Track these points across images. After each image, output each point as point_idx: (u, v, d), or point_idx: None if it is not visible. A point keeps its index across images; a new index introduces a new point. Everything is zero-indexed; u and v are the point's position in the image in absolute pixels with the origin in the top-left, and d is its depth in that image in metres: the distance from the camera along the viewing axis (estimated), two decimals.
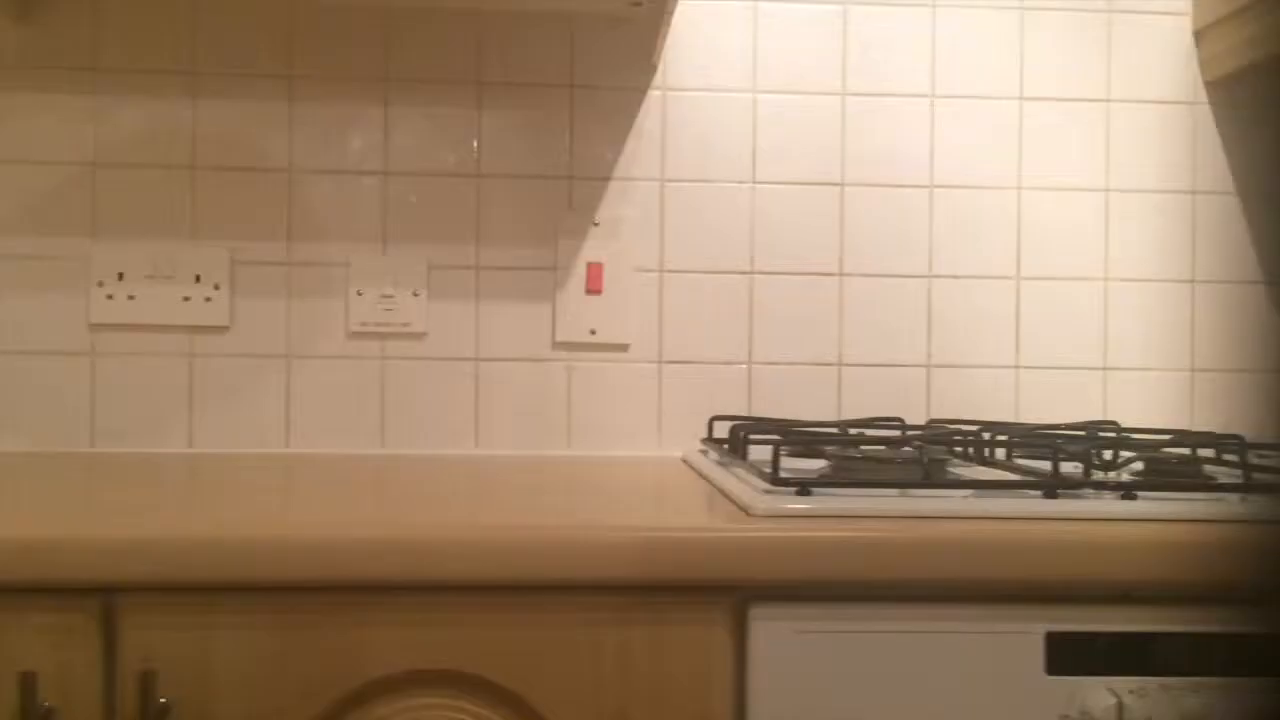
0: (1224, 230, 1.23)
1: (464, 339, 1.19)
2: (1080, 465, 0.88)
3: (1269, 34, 1.10)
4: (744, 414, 1.20)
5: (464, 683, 0.67)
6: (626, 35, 1.19)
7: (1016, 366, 1.22)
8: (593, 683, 0.68)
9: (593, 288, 1.19)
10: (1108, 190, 1.23)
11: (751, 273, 1.21)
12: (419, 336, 1.18)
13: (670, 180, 1.20)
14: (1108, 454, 0.88)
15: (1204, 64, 1.23)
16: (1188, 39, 1.23)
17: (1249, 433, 1.14)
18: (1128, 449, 0.89)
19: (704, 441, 1.11)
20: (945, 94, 1.22)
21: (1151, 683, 0.69)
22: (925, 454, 0.75)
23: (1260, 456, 1.01)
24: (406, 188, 1.18)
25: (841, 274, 1.21)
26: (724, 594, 0.68)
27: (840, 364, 1.21)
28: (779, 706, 0.67)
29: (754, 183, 1.21)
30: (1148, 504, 0.72)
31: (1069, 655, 0.68)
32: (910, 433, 0.97)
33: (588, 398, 1.19)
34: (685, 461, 1.09)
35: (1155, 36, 1.23)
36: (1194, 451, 0.97)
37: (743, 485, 0.78)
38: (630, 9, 1.12)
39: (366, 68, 1.17)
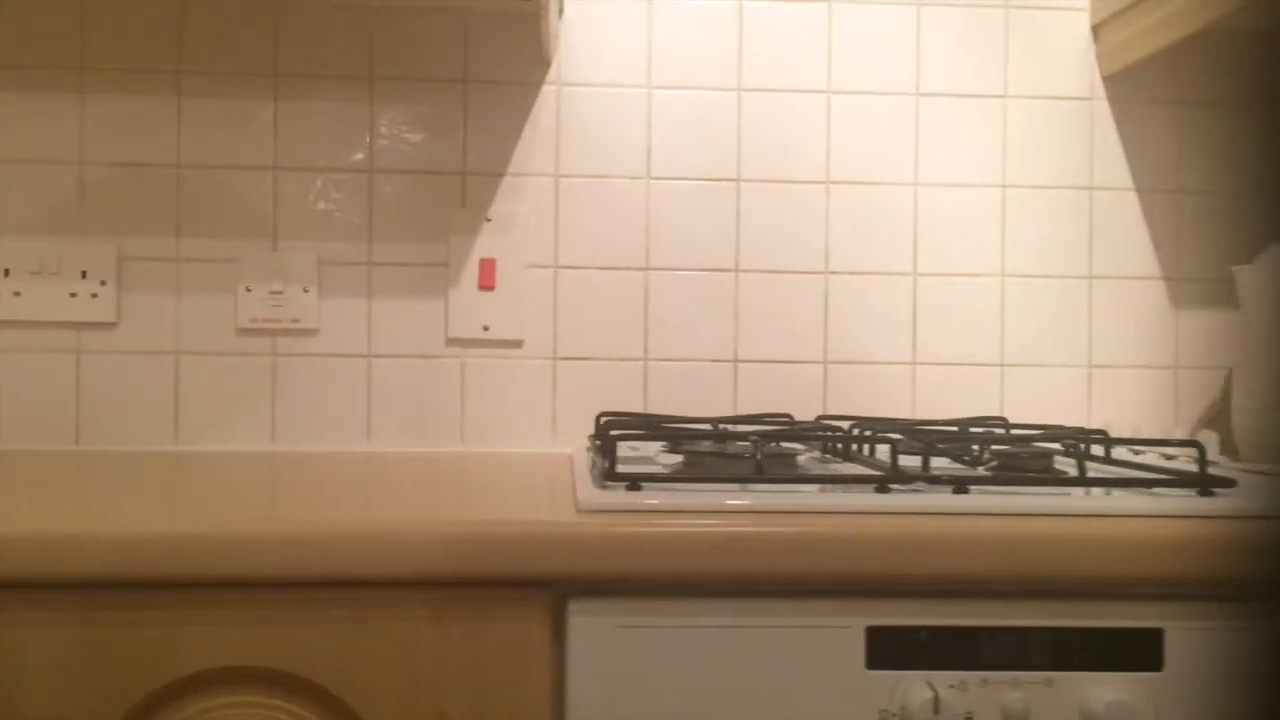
0: (1122, 226, 1.23)
1: (356, 335, 1.18)
2: (952, 461, 0.88)
3: (1164, 24, 1.10)
4: (639, 410, 1.19)
5: (280, 680, 0.67)
6: (520, 30, 1.18)
7: (913, 363, 1.22)
8: (410, 680, 0.67)
9: (485, 284, 1.18)
10: (1005, 186, 1.23)
11: (647, 269, 1.20)
12: (310, 333, 1.17)
13: (565, 176, 1.20)
14: (976, 449, 0.88)
15: (1101, 59, 1.23)
16: (1085, 34, 1.23)
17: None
18: (1000, 444, 0.88)
19: (590, 438, 1.10)
20: (842, 90, 1.22)
21: (973, 677, 0.68)
22: (759, 449, 0.74)
23: (1134, 452, 1.01)
24: (297, 183, 1.17)
25: (737, 270, 1.21)
26: (543, 589, 0.68)
27: (736, 360, 1.21)
28: (597, 702, 0.67)
29: (649, 178, 1.20)
30: (977, 498, 0.72)
31: (890, 650, 0.68)
32: (781, 428, 0.96)
33: (481, 394, 1.19)
34: (572, 458, 1.08)
35: (1053, 32, 1.23)
36: (1084, 447, 0.97)
37: (584, 481, 0.77)
38: (518, 3, 1.12)
39: (256, 63, 1.17)
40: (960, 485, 0.74)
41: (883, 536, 0.67)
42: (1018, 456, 0.82)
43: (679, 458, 0.86)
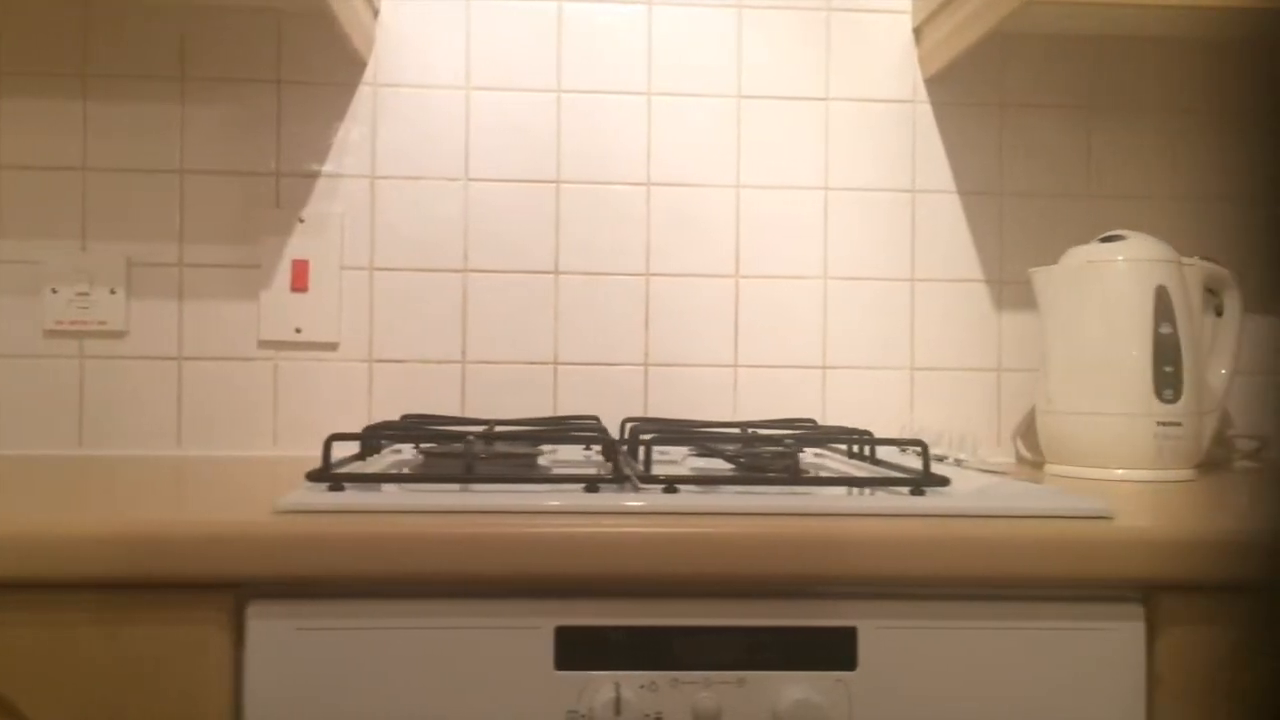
0: (944, 228, 1.23)
1: (166, 337, 1.17)
2: (725, 461, 0.87)
3: (968, 23, 1.10)
4: (455, 414, 1.18)
5: None
6: (335, 30, 1.18)
7: (735, 365, 1.22)
8: (85, 683, 0.66)
9: (298, 286, 1.17)
10: (827, 189, 1.23)
11: (465, 271, 1.20)
12: (118, 335, 1.16)
13: (381, 177, 1.19)
14: (732, 449, 0.87)
15: (922, 61, 1.23)
16: (907, 36, 1.24)
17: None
18: (757, 444, 0.88)
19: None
20: (662, 92, 1.22)
21: (664, 677, 0.68)
22: (484, 449, 0.73)
23: (902, 450, 1.01)
24: (106, 184, 1.16)
25: (557, 273, 1.21)
26: (225, 591, 0.67)
27: (556, 363, 1.20)
28: (276, 706, 0.66)
29: (467, 180, 1.20)
30: (684, 499, 0.72)
31: (579, 650, 0.67)
32: (548, 430, 0.96)
33: (294, 397, 1.17)
34: None
35: (875, 34, 1.23)
36: (856, 448, 0.97)
37: (297, 483, 0.76)
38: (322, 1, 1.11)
39: (64, 62, 1.15)
40: (670, 485, 0.73)
41: (572, 536, 0.67)
42: (761, 456, 0.82)
43: (421, 458, 0.85)
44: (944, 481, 0.75)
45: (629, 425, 0.98)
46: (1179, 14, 1.06)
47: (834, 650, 0.68)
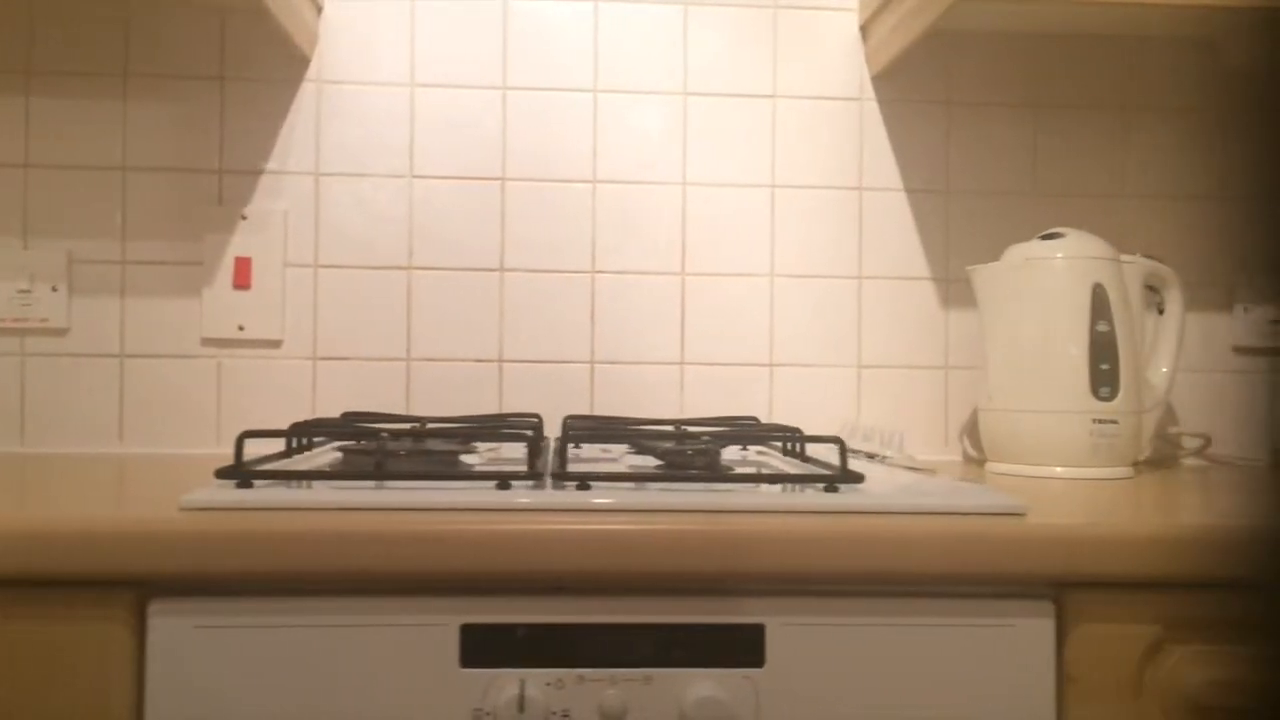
0: (891, 226, 1.23)
1: (108, 335, 1.16)
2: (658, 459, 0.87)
3: (913, 14, 1.09)
4: (400, 412, 1.18)
5: None
6: (273, 27, 1.17)
7: (681, 363, 1.21)
8: None
9: (240, 283, 1.17)
10: (774, 187, 1.23)
11: (410, 268, 1.19)
12: (60, 332, 1.15)
13: (325, 174, 1.19)
14: (667, 445, 0.87)
15: (869, 58, 1.23)
16: (854, 34, 1.23)
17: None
18: (687, 442, 0.88)
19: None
20: (608, 89, 1.21)
21: (570, 674, 0.67)
22: (404, 446, 0.73)
23: (855, 449, 1.01)
24: (48, 181, 1.15)
25: (502, 270, 1.20)
26: (127, 589, 0.66)
27: (501, 360, 1.20)
28: (178, 705, 0.65)
29: (412, 177, 1.20)
30: (596, 496, 0.71)
31: (485, 648, 0.67)
32: (477, 427, 0.95)
33: (238, 395, 1.17)
34: None
35: (822, 32, 1.23)
36: (792, 446, 0.97)
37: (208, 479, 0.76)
38: None
39: (8, 59, 1.15)
40: (583, 483, 0.73)
41: (477, 534, 0.66)
42: (683, 454, 0.81)
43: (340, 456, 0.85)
44: (859, 478, 0.75)
45: (566, 423, 0.98)
46: (1118, 11, 1.06)
47: (742, 648, 0.68)
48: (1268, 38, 1.15)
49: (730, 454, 1.01)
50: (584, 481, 0.73)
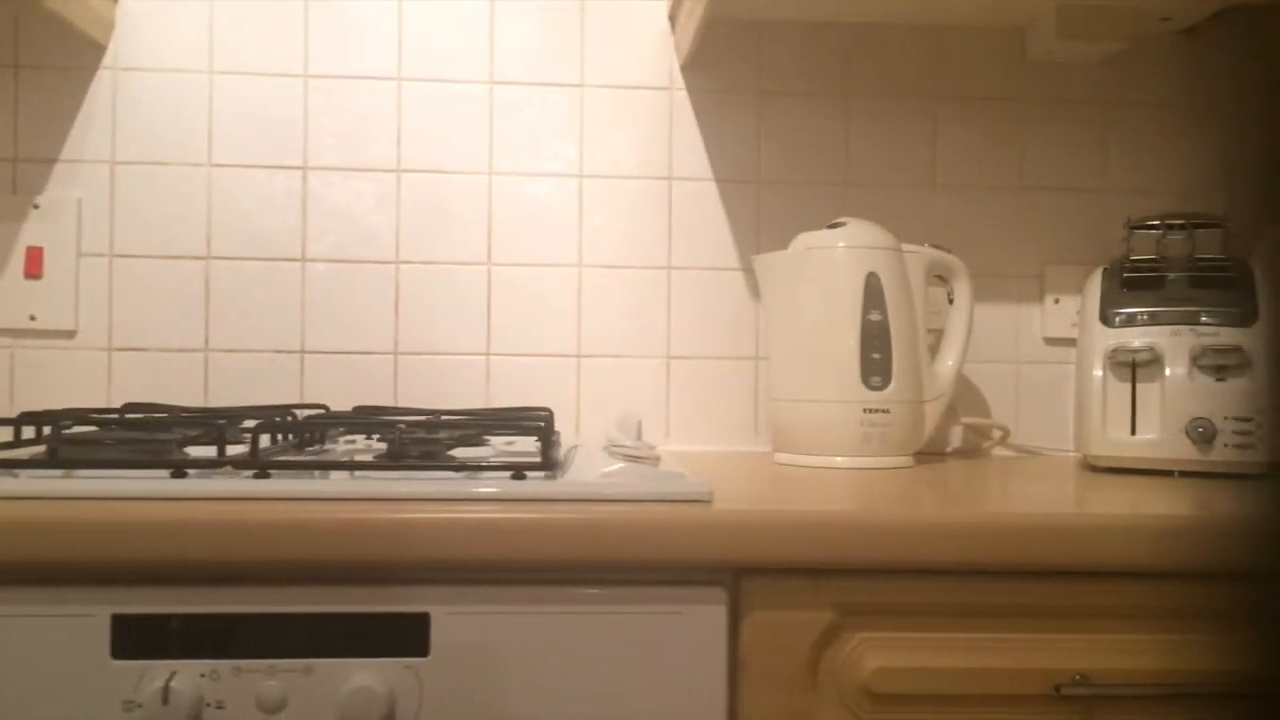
0: (701, 217, 1.23)
1: None
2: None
3: (697, 6, 1.08)
4: (199, 404, 1.17)
5: None
6: (73, 13, 1.15)
7: (488, 354, 1.20)
8: None
9: (32, 272, 1.15)
10: (582, 176, 1.22)
11: (209, 258, 1.18)
12: None
13: (122, 163, 1.17)
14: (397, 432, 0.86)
15: (677, 47, 1.22)
16: (663, 23, 1.23)
17: None
18: (417, 430, 0.87)
19: None
20: (413, 78, 1.20)
21: (225, 665, 0.66)
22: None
23: (618, 444, 1.00)
24: None
25: (304, 260, 1.19)
26: None
27: (303, 352, 1.19)
28: None
29: (211, 166, 1.18)
30: (274, 483, 0.70)
31: (137, 638, 0.66)
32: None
33: (30, 387, 1.15)
34: None
35: (631, 21, 1.22)
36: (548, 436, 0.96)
37: None
38: None
39: None
40: (262, 471, 0.72)
41: (127, 523, 0.65)
42: (400, 442, 0.80)
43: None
44: (550, 466, 0.74)
45: (309, 417, 0.96)
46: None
47: (406, 637, 0.67)
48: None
49: (500, 443, 1.00)
50: (263, 470, 0.72)
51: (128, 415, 0.96)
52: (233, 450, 0.78)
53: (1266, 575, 0.69)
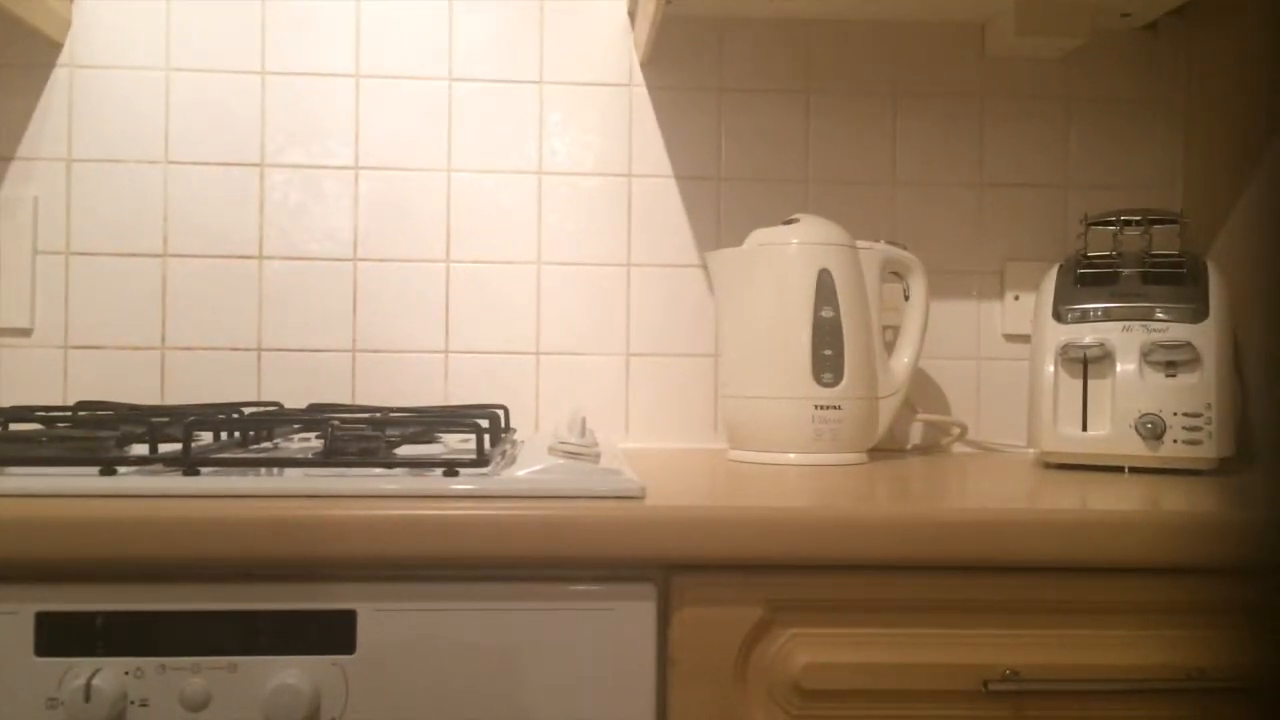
0: (660, 214, 1.22)
1: None
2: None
3: (649, 3, 1.08)
4: (155, 402, 1.16)
5: None
6: (29, 11, 1.15)
7: (446, 351, 1.20)
8: None
9: None
10: (541, 173, 1.21)
11: (165, 255, 1.18)
12: None
13: (78, 160, 1.17)
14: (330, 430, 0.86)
15: (636, 44, 1.22)
16: (623, 19, 1.22)
17: None
18: (353, 427, 0.86)
19: None
20: (371, 74, 1.20)
21: (150, 663, 0.66)
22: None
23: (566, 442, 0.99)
24: None
25: (261, 257, 1.19)
26: None
27: (260, 349, 1.18)
28: None
29: (167, 163, 1.18)
30: (201, 481, 0.70)
31: (62, 636, 0.66)
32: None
33: None
34: None
35: (591, 18, 1.22)
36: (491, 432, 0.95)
37: None
38: None
39: None
40: (191, 468, 0.72)
41: (51, 520, 0.65)
42: (341, 439, 0.80)
43: None
44: (484, 463, 0.74)
45: (249, 414, 0.96)
46: None
47: (332, 634, 0.67)
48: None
49: (455, 441, 1.00)
50: (193, 467, 0.72)
51: (79, 413, 0.96)
52: (169, 449, 0.78)
53: (1204, 571, 0.69)
